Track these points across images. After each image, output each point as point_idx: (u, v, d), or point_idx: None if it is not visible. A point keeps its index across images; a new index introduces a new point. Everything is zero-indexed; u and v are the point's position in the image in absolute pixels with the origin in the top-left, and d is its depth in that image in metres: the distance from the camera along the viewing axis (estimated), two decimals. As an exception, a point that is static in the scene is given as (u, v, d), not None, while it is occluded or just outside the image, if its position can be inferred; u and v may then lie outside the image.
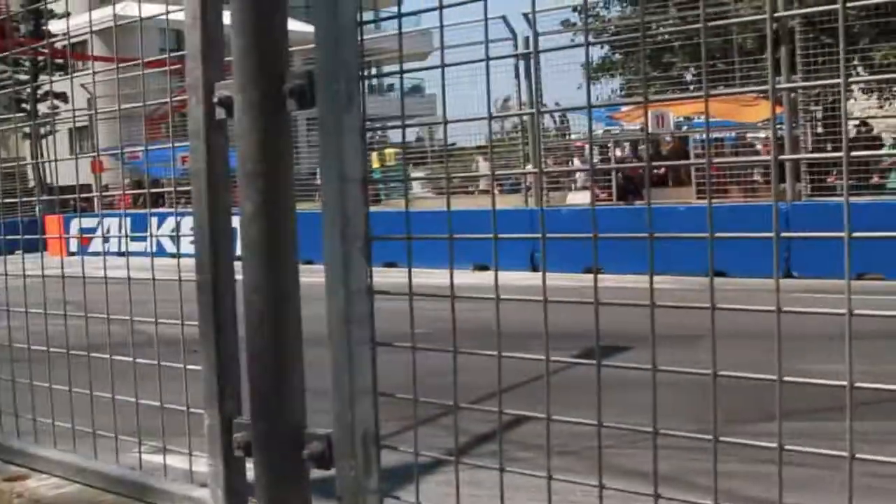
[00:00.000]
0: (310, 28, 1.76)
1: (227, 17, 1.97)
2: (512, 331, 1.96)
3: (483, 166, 22.94)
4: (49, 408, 2.92)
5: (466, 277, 2.75)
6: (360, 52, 1.77)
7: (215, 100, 1.95)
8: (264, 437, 1.91)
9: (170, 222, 20.63)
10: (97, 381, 2.81)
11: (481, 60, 1.89)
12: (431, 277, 1.76)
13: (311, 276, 2.14)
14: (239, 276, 1.98)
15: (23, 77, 35.43)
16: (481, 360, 1.83)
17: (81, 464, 2.70)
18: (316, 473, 1.93)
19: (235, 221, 2.01)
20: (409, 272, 1.80)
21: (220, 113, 1.95)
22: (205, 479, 2.19)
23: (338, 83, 1.75)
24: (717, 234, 1.50)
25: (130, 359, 2.64)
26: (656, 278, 1.60)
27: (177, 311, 2.48)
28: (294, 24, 2.06)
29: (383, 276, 1.86)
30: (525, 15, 17.31)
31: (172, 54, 2.65)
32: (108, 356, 2.73)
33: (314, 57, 1.77)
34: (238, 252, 1.94)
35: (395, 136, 25.62)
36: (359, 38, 1.77)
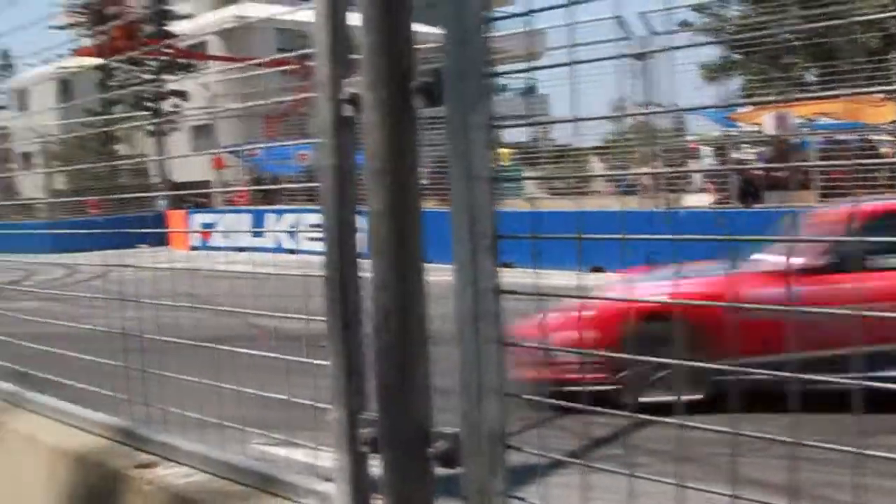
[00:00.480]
0: (427, 29, 1.77)
1: (353, 16, 1.99)
2: None
3: (598, 167, 22.78)
4: (177, 397, 3.00)
5: (583, 279, 2.73)
6: (488, 50, 1.76)
7: (343, 97, 1.97)
8: (391, 433, 1.92)
9: (287, 219, 21.08)
10: (222, 372, 2.87)
11: (611, 58, 1.86)
12: (546, 278, 1.74)
13: (431, 275, 2.14)
14: (365, 274, 1.99)
15: (147, 76, 36.55)
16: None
17: (209, 454, 2.76)
18: (439, 471, 1.93)
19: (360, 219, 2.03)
20: (536, 272, 1.79)
21: (347, 110, 1.97)
22: (329, 474, 2.22)
23: (465, 81, 1.74)
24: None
25: (258, 352, 2.69)
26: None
27: (294, 306, 2.52)
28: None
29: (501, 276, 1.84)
30: (641, 14, 17.14)
31: (291, 54, 2.68)
32: (234, 348, 2.79)
33: (441, 54, 1.78)
34: (364, 249, 1.95)
35: (508, 135, 25.60)
36: (486, 36, 1.76)
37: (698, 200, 19.25)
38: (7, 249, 5.21)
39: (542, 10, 1.77)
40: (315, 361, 2.34)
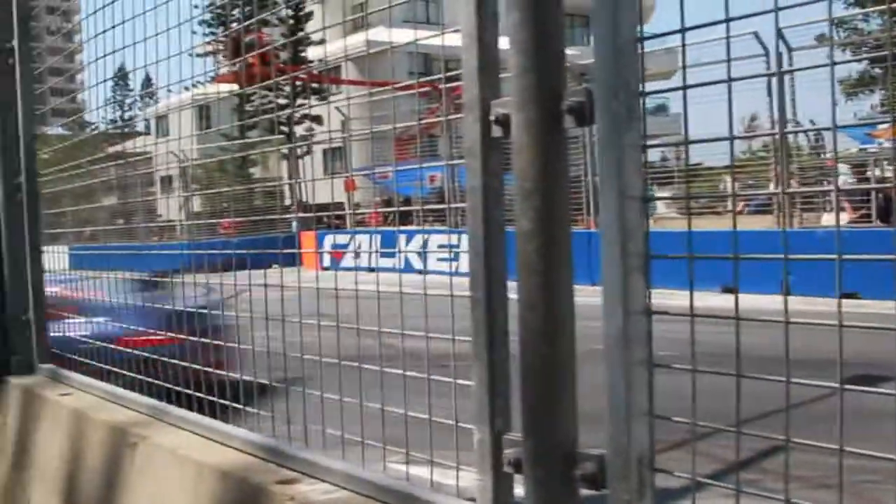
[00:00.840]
0: (572, 51, 1.76)
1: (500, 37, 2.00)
2: (757, 355, 1.90)
3: (728, 187, 22.30)
4: (319, 415, 3.05)
5: (713, 299, 2.69)
6: (641, 68, 1.75)
7: (492, 118, 1.97)
8: (536, 454, 1.91)
9: (417, 240, 21.26)
10: (363, 391, 2.90)
11: (758, 76, 1.82)
12: (672, 299, 1.72)
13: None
14: (510, 294, 1.99)
15: (282, 101, 37.48)
16: (723, 385, 1.77)
17: (350, 471, 2.79)
18: (584, 493, 1.91)
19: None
20: (691, 294, 1.76)
21: (496, 131, 1.98)
22: (471, 494, 2.22)
23: (617, 100, 1.73)
24: None
25: (401, 371, 2.71)
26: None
27: (428, 326, 2.53)
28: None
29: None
30: (778, 31, 16.75)
31: (432, 77, 2.72)
32: (378, 368, 2.82)
33: (593, 73, 1.77)
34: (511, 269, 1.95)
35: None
36: (639, 54, 1.75)
37: (834, 220, 18.67)
38: (147, 269, 5.39)
39: (695, 27, 1.74)
40: (460, 381, 2.35)
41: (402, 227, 22.53)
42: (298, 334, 3.22)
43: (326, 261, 23.01)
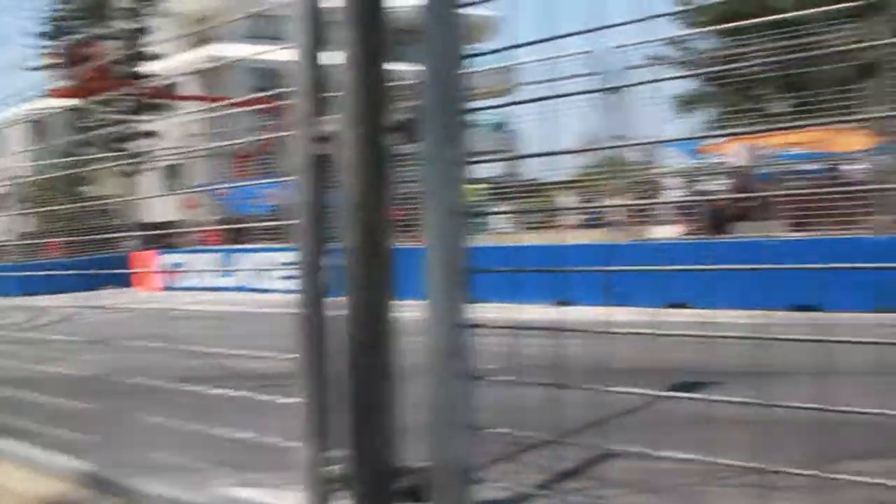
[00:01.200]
0: (404, 67, 1.77)
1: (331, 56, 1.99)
2: (585, 365, 1.93)
3: (568, 201, 22.87)
4: (144, 440, 2.96)
5: (544, 312, 2.74)
6: (465, 87, 1.76)
7: (320, 135, 1.96)
8: (359, 469, 1.90)
9: (254, 258, 20.97)
10: (184, 414, 2.83)
11: (585, 93, 1.86)
12: (507, 312, 1.74)
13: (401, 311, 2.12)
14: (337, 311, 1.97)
15: (118, 117, 36.32)
16: (552, 396, 1.80)
17: (173, 496, 2.71)
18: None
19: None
20: (517, 307, 1.77)
21: (324, 148, 1.96)
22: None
23: (442, 117, 1.74)
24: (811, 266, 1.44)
25: (224, 391, 2.66)
26: (737, 313, 1.55)
27: (260, 345, 2.49)
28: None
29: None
30: (613, 49, 17.25)
31: (267, 93, 2.68)
32: (201, 388, 2.76)
33: (419, 92, 1.77)
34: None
35: (479, 171, 25.61)
36: (463, 73, 1.77)
37: (666, 232, 19.32)
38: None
39: (520, 45, 1.77)
40: (284, 400, 2.31)
41: (240, 246, 22.15)
42: (127, 357, 3.13)
43: (164, 281, 22.41)
